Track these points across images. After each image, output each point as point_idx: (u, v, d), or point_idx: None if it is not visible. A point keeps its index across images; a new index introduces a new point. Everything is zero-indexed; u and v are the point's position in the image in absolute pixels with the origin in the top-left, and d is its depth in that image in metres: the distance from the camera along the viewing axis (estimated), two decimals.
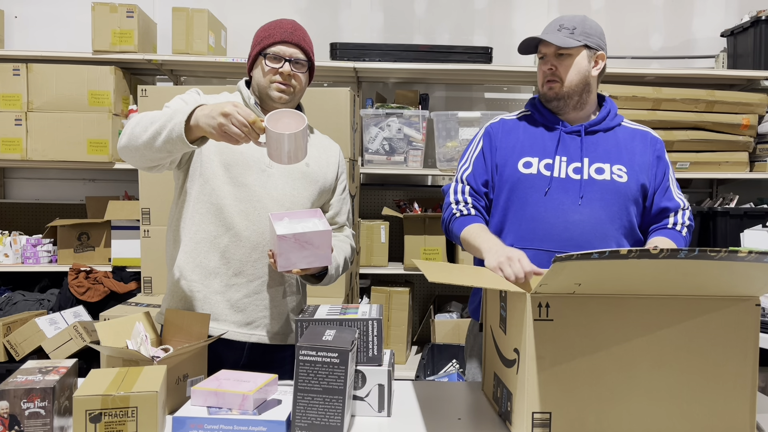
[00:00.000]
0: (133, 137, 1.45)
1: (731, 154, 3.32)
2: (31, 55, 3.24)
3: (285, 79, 1.60)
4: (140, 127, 1.44)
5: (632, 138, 1.70)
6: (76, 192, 3.65)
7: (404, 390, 1.49)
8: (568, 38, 1.62)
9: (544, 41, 1.64)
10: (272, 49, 1.60)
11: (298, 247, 1.43)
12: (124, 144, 1.48)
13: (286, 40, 1.60)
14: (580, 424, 1.16)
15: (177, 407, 1.24)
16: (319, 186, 1.70)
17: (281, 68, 1.59)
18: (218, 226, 1.60)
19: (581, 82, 1.65)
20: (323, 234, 1.45)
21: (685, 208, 1.69)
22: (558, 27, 1.64)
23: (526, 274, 1.37)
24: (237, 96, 1.69)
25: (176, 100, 1.61)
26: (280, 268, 1.46)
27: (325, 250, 1.47)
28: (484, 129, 1.77)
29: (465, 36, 3.68)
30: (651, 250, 0.99)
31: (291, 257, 1.44)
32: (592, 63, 1.65)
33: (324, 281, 1.62)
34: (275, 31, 1.61)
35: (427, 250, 3.24)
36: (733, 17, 3.65)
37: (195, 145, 1.40)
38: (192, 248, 1.62)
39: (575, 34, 1.62)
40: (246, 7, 3.63)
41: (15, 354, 2.83)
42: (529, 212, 1.63)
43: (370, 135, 3.26)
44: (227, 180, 1.60)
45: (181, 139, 1.37)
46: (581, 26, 1.63)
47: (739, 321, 1.17)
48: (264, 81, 1.61)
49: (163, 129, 1.39)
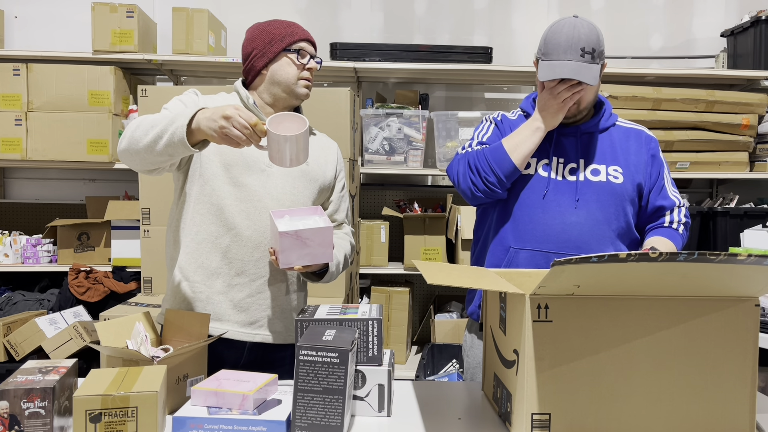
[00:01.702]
0: (134, 141, 1.45)
1: (731, 154, 3.32)
2: (31, 55, 3.24)
3: (312, 75, 1.66)
4: (140, 130, 1.44)
5: (627, 137, 1.71)
6: (76, 192, 3.65)
7: (404, 390, 1.49)
8: (592, 65, 1.56)
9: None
10: (299, 45, 1.64)
11: (300, 244, 1.43)
12: (125, 147, 1.48)
13: (308, 39, 1.66)
14: (580, 425, 1.16)
15: (177, 407, 1.24)
16: (318, 184, 1.70)
17: (309, 64, 1.64)
18: (219, 226, 1.60)
19: (594, 99, 1.67)
20: (325, 231, 1.46)
21: (681, 205, 1.70)
22: (581, 52, 1.55)
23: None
24: (234, 96, 1.69)
25: (174, 102, 1.61)
26: (282, 265, 1.46)
27: (327, 247, 1.47)
28: (491, 118, 1.77)
29: (465, 36, 3.68)
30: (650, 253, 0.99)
31: (293, 254, 1.44)
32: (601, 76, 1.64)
33: (325, 279, 1.63)
34: (293, 28, 1.64)
35: (427, 250, 3.24)
36: (733, 17, 3.65)
37: (196, 148, 1.40)
38: (193, 249, 1.62)
39: (595, 58, 1.57)
40: (246, 7, 3.63)
41: (15, 354, 2.83)
42: (528, 213, 1.63)
43: (370, 135, 3.26)
44: (227, 180, 1.60)
45: (183, 143, 1.36)
46: (598, 46, 1.57)
47: (739, 321, 1.17)
48: (291, 77, 1.63)
49: (164, 133, 1.39)
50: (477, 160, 1.64)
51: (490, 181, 1.62)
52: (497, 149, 1.62)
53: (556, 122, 1.63)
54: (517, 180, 1.65)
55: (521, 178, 1.65)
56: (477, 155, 1.65)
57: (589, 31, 1.58)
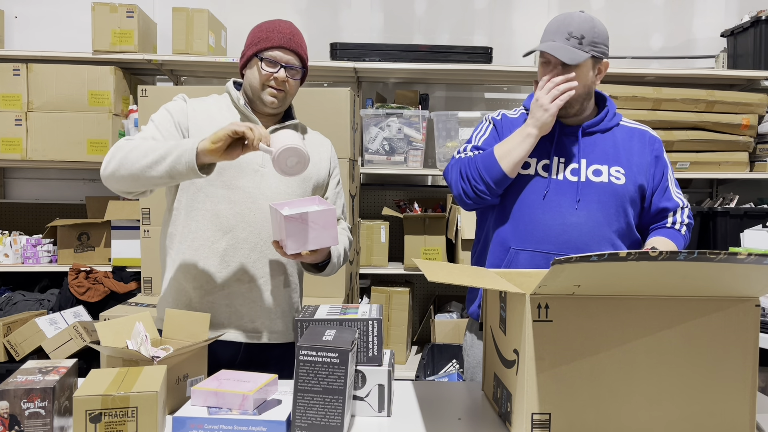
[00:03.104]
0: (127, 163, 1.43)
1: (731, 154, 3.32)
2: (31, 55, 3.24)
3: (279, 84, 1.59)
4: (137, 153, 1.43)
5: (630, 138, 1.70)
6: (76, 192, 3.65)
7: (404, 390, 1.49)
8: (576, 49, 1.56)
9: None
10: (269, 53, 1.59)
11: (305, 228, 1.44)
12: (113, 170, 1.46)
13: (284, 46, 1.59)
14: (580, 424, 1.16)
15: (177, 407, 1.24)
16: (312, 183, 1.70)
17: (276, 73, 1.59)
18: (215, 231, 1.60)
19: (584, 91, 1.62)
20: (327, 212, 1.46)
21: (685, 206, 1.69)
22: (567, 35, 1.56)
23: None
24: (225, 97, 1.69)
25: (161, 113, 1.61)
26: (290, 251, 1.45)
27: (332, 229, 1.47)
28: (490, 118, 1.76)
29: (465, 36, 3.68)
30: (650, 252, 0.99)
31: (299, 238, 1.44)
32: (596, 71, 1.62)
33: (326, 271, 1.62)
34: (273, 34, 1.59)
35: (427, 250, 3.24)
36: (733, 17, 3.66)
37: (204, 173, 1.40)
38: (190, 255, 1.61)
39: (583, 44, 1.56)
40: (246, 7, 3.63)
41: (15, 354, 2.83)
42: (527, 214, 1.63)
43: (370, 135, 3.26)
44: (221, 184, 1.60)
45: (192, 169, 1.37)
46: (590, 34, 1.56)
47: (739, 321, 1.17)
48: (257, 84, 1.61)
49: (167, 156, 1.39)
50: (468, 168, 1.64)
51: (480, 189, 1.62)
52: (487, 156, 1.62)
53: (548, 124, 1.59)
54: (517, 180, 1.64)
55: (521, 178, 1.64)
56: (468, 162, 1.64)
57: (583, 20, 1.57)
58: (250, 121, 1.64)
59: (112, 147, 1.52)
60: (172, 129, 1.58)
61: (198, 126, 1.60)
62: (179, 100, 1.66)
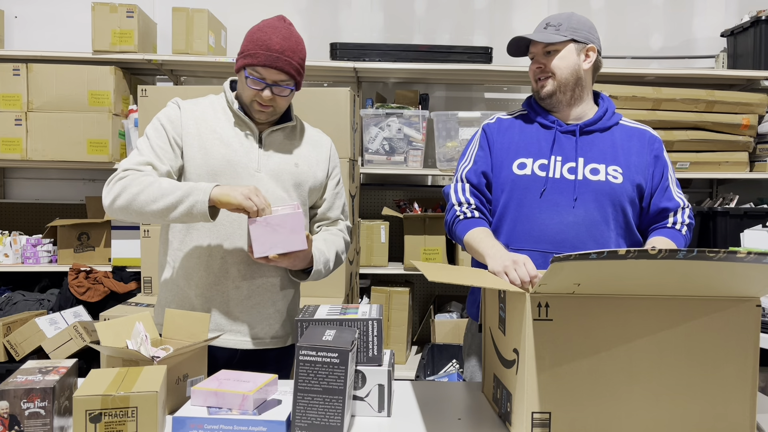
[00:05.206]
0: (136, 205, 1.48)
1: (731, 154, 3.32)
2: (31, 55, 3.24)
3: (265, 102, 1.57)
4: (146, 196, 1.47)
5: (629, 137, 1.70)
6: (76, 192, 3.65)
7: (404, 390, 1.49)
8: (553, 35, 1.64)
9: (533, 42, 1.66)
10: (255, 71, 1.54)
11: (270, 231, 1.45)
12: (121, 207, 1.50)
13: (270, 65, 1.53)
14: (580, 424, 1.16)
15: (177, 407, 1.24)
16: (308, 186, 1.69)
17: (262, 92, 1.55)
18: (212, 237, 1.60)
19: (572, 75, 1.65)
20: (294, 216, 1.47)
21: (685, 206, 1.69)
22: (545, 26, 1.67)
23: (531, 278, 1.31)
24: (222, 98, 1.68)
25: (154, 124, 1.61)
26: (257, 254, 1.47)
27: (299, 234, 1.48)
28: (481, 128, 1.77)
29: (465, 36, 3.68)
30: (649, 250, 0.99)
31: (265, 242, 1.46)
32: (582, 56, 1.66)
33: (312, 276, 1.62)
34: (261, 50, 1.53)
35: (427, 251, 3.24)
36: (733, 17, 3.65)
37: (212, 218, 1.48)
38: (187, 261, 1.61)
39: (561, 30, 1.64)
40: (246, 7, 3.63)
41: (15, 354, 2.83)
42: (525, 213, 1.63)
43: (370, 135, 3.26)
44: None
45: (204, 218, 1.46)
46: (567, 22, 1.65)
47: (740, 321, 1.17)
48: (245, 97, 1.60)
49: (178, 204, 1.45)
50: (451, 222, 1.71)
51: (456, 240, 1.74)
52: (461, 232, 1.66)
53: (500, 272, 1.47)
54: (514, 181, 1.65)
55: (518, 178, 1.65)
56: (452, 220, 1.70)
57: (561, 14, 1.69)
58: (244, 124, 1.64)
59: (114, 178, 1.53)
60: (168, 148, 1.59)
61: (191, 133, 1.60)
62: (173, 107, 1.64)
